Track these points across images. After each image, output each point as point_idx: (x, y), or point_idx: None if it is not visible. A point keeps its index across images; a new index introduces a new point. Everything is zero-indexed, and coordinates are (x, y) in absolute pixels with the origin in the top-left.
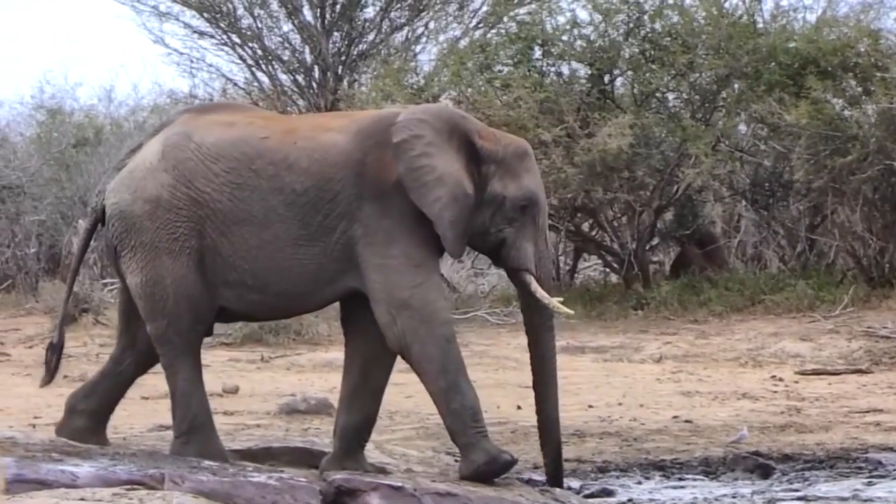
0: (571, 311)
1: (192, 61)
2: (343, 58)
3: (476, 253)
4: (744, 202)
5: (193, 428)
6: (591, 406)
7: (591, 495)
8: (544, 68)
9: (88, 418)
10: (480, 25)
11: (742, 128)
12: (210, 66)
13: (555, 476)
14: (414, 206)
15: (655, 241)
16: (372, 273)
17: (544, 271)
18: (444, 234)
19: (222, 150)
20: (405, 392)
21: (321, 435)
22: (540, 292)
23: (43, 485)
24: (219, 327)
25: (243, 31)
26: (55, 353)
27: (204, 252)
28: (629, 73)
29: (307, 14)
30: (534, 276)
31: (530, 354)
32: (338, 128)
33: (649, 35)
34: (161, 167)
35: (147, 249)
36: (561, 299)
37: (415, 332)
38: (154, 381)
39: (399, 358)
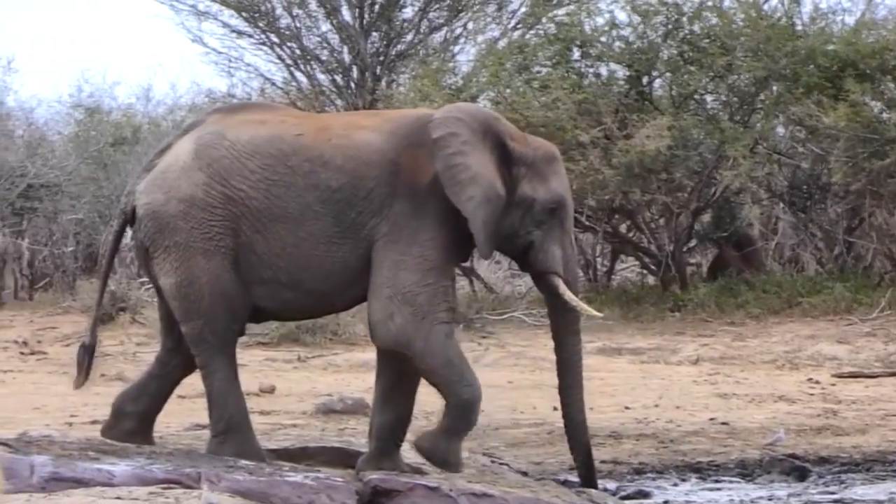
0: (600, 314)
1: (230, 61)
2: (381, 58)
3: None
4: (781, 204)
5: (230, 427)
6: (627, 407)
7: (628, 497)
8: (583, 69)
9: (137, 420)
10: (519, 26)
11: (780, 130)
12: (248, 65)
13: (587, 479)
14: (443, 210)
15: (693, 242)
16: (384, 268)
17: (571, 274)
18: (477, 233)
19: (258, 146)
20: None
21: (357, 435)
22: (568, 295)
23: (79, 483)
24: (256, 327)
25: (282, 30)
26: (88, 354)
27: (238, 251)
28: (667, 74)
29: (346, 14)
30: (561, 278)
31: (556, 358)
32: (370, 126)
33: (688, 37)
34: (195, 166)
35: (181, 250)
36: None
37: (416, 329)
38: (191, 381)
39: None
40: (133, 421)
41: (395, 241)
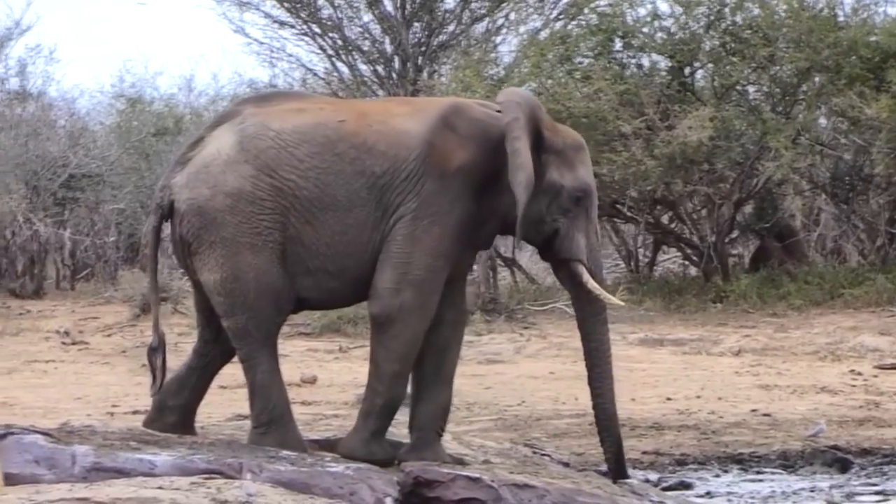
0: (622, 303)
1: (272, 51)
2: (423, 48)
3: None
4: (823, 196)
5: (273, 419)
6: (669, 399)
7: (670, 488)
8: (625, 60)
9: (179, 413)
10: (561, 17)
11: (822, 121)
12: (290, 56)
13: (618, 471)
14: (466, 195)
15: (735, 234)
16: (404, 240)
17: (595, 263)
18: (520, 217)
19: (304, 135)
20: (483, 383)
21: (399, 425)
22: (592, 283)
23: (121, 473)
24: (297, 318)
25: (324, 21)
26: (158, 357)
27: (286, 243)
28: (709, 65)
29: (388, 4)
30: (586, 267)
31: (583, 348)
32: (404, 113)
33: (730, 28)
34: (241, 158)
35: (227, 245)
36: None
37: (408, 313)
38: (232, 371)
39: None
40: (176, 414)
41: (420, 218)
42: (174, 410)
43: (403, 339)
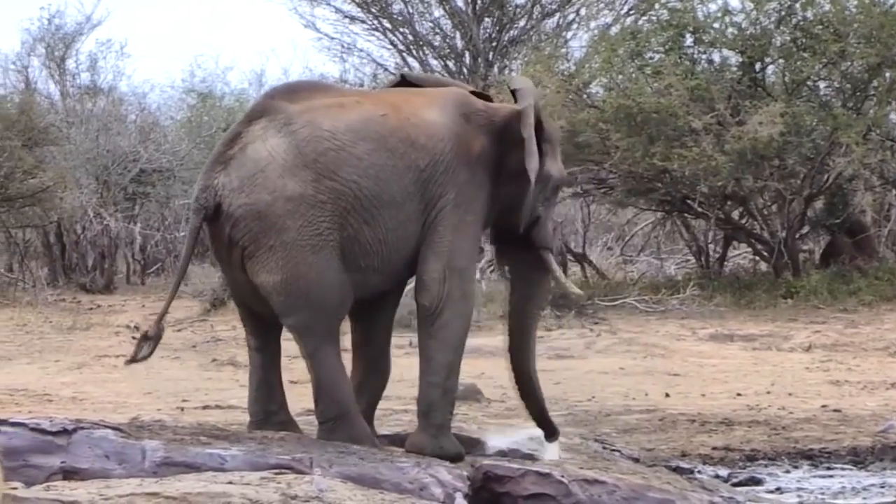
0: (581, 292)
1: (342, 46)
2: (494, 44)
3: (625, 239)
4: (894, 191)
5: (340, 414)
6: (739, 394)
7: (740, 483)
8: (695, 56)
9: (284, 412)
10: (632, 12)
11: (893, 117)
12: (361, 51)
13: (549, 430)
14: (486, 182)
15: (805, 229)
16: (447, 231)
17: (555, 251)
18: (528, 203)
19: (358, 133)
20: (553, 379)
21: (468, 421)
22: (558, 272)
23: (191, 468)
24: None
25: (394, 16)
26: (149, 347)
27: (343, 243)
28: (780, 61)
29: (458, 0)
30: (553, 255)
31: (513, 325)
32: (426, 104)
33: (801, 23)
34: (300, 163)
35: (287, 248)
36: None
37: (456, 302)
38: (302, 365)
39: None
40: (283, 413)
41: (458, 207)
42: (279, 412)
43: (454, 328)
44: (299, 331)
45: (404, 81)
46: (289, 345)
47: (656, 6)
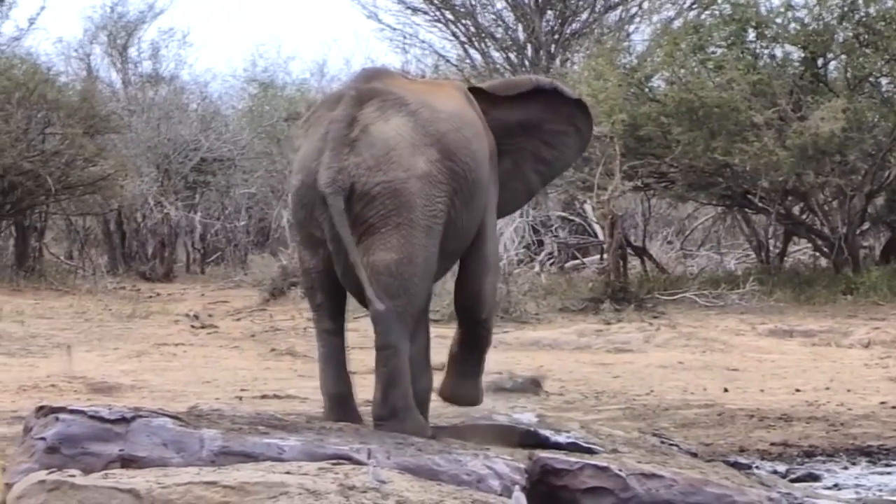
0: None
1: (404, 37)
2: (556, 36)
3: (685, 233)
4: None
5: (406, 405)
6: (798, 390)
7: (798, 479)
8: (758, 50)
9: (353, 399)
10: (694, 6)
11: None
12: (423, 42)
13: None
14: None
15: (866, 225)
16: (487, 229)
17: None
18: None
19: (462, 117)
20: (612, 372)
21: (527, 413)
22: None
23: (249, 457)
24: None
25: (457, 7)
26: None
27: (445, 227)
28: (842, 56)
29: None
30: None
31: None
32: (460, 97)
33: (863, 19)
34: (426, 142)
35: (410, 227)
36: None
37: (489, 296)
38: (361, 356)
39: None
40: (353, 399)
41: (491, 203)
42: (352, 396)
43: (489, 323)
44: (392, 318)
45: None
46: None
47: (719, 0)
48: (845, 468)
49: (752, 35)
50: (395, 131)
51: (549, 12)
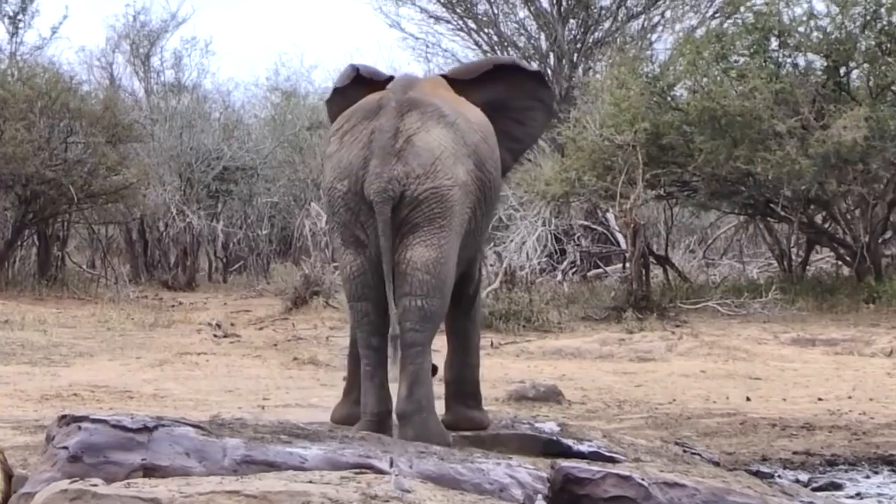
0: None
1: (427, 46)
2: (578, 45)
3: (707, 242)
4: None
5: (430, 404)
6: (820, 399)
7: (820, 488)
8: (780, 59)
9: (389, 417)
10: (717, 15)
11: None
12: (445, 51)
13: None
14: None
15: (888, 234)
16: (484, 225)
17: None
18: None
19: (486, 127)
20: (635, 381)
21: (549, 422)
22: None
23: (271, 466)
24: None
25: (479, 16)
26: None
27: (466, 235)
28: (865, 65)
29: (544, 1)
30: None
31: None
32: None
33: (886, 28)
34: (465, 153)
35: (449, 230)
36: None
37: (479, 291)
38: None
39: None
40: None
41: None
42: (389, 415)
43: (479, 316)
44: (427, 315)
45: (359, 76)
46: None
47: (741, 9)
48: (867, 477)
49: (774, 44)
50: (437, 142)
51: (572, 21)
